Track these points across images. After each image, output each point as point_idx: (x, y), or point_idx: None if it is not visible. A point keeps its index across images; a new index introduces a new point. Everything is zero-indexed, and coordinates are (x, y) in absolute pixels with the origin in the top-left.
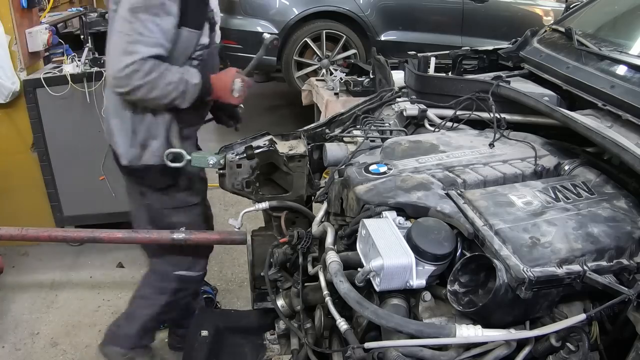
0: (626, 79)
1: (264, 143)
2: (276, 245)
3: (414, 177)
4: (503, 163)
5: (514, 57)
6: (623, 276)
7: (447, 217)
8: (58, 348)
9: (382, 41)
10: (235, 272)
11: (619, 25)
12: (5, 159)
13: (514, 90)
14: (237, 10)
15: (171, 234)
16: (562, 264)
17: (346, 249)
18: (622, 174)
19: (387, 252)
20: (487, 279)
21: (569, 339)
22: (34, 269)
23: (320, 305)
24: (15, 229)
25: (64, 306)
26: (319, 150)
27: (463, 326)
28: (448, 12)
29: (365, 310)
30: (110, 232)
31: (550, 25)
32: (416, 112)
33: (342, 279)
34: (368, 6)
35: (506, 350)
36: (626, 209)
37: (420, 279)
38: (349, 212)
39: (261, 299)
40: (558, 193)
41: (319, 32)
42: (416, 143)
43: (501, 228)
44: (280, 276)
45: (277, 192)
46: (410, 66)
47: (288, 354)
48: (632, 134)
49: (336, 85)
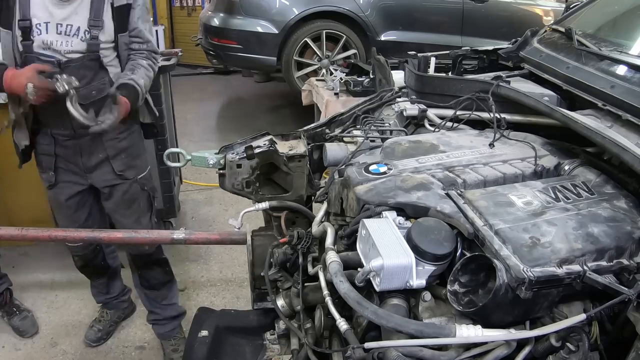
0: (626, 79)
1: (264, 143)
2: (276, 245)
3: (414, 177)
4: (503, 163)
5: (514, 57)
6: (623, 276)
7: (447, 217)
8: (58, 348)
9: (382, 41)
10: (235, 272)
11: (619, 25)
12: (5, 159)
13: (514, 90)
14: (237, 10)
15: (171, 234)
16: (562, 264)
17: (346, 249)
18: (622, 174)
19: (387, 252)
20: (487, 279)
21: (569, 339)
22: (34, 269)
23: (320, 305)
24: (15, 229)
25: (64, 306)
26: (319, 150)
27: (463, 326)
28: (448, 12)
29: (365, 310)
30: (110, 232)
31: (550, 25)
32: (416, 112)
33: (342, 279)
34: (368, 6)
35: (506, 350)
36: (626, 209)
37: (420, 279)
38: (349, 212)
39: (261, 299)
40: (558, 193)
41: (319, 32)
42: (416, 143)
43: (501, 228)
44: (280, 276)
45: (277, 192)
46: (410, 66)
47: (288, 354)
48: (632, 134)
49: (336, 85)
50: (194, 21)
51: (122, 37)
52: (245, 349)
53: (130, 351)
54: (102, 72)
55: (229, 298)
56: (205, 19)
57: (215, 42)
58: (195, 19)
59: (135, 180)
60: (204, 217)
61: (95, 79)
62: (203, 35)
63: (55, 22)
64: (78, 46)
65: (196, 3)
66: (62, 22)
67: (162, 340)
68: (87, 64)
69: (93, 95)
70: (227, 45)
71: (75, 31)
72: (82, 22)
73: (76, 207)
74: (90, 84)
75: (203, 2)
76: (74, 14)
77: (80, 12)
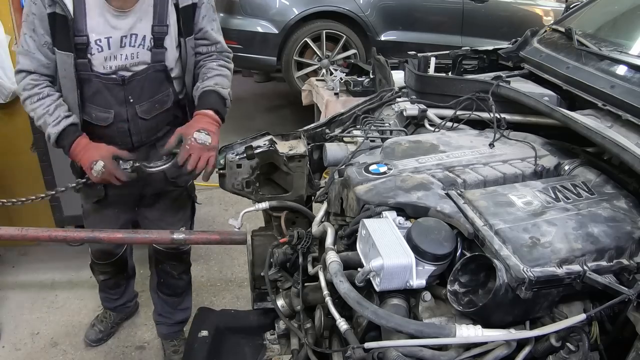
0: (626, 79)
1: (264, 143)
2: (276, 245)
3: (414, 177)
4: (503, 163)
5: (514, 57)
6: (623, 276)
7: (447, 217)
8: (58, 348)
9: (382, 41)
10: (235, 272)
11: (619, 25)
12: (5, 159)
13: (514, 90)
14: (237, 10)
15: (171, 234)
16: (562, 264)
17: (346, 249)
18: (622, 174)
19: (387, 252)
20: (487, 279)
21: (569, 339)
22: (34, 269)
23: (320, 305)
24: (15, 229)
25: (64, 306)
26: (319, 150)
27: (463, 326)
28: (448, 12)
29: (365, 310)
30: (110, 232)
31: (550, 25)
32: (416, 112)
33: (342, 279)
34: (368, 6)
35: (506, 350)
36: (626, 209)
37: (420, 279)
38: (349, 212)
39: (261, 299)
40: (558, 193)
41: (319, 32)
42: (416, 143)
43: (501, 228)
44: (280, 276)
45: (277, 192)
46: (410, 66)
47: (288, 354)
48: (632, 134)
49: (336, 85)
50: None
51: (189, 40)
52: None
53: (130, 351)
54: (167, 82)
55: (229, 298)
56: None
57: None
58: None
59: (185, 187)
60: (204, 217)
61: (159, 92)
62: None
63: (119, 35)
64: (144, 57)
65: None
66: (127, 34)
67: (164, 340)
68: (152, 76)
69: (156, 108)
70: (227, 45)
71: (141, 41)
72: (146, 30)
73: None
74: (154, 97)
75: None
76: (137, 22)
77: (145, 18)
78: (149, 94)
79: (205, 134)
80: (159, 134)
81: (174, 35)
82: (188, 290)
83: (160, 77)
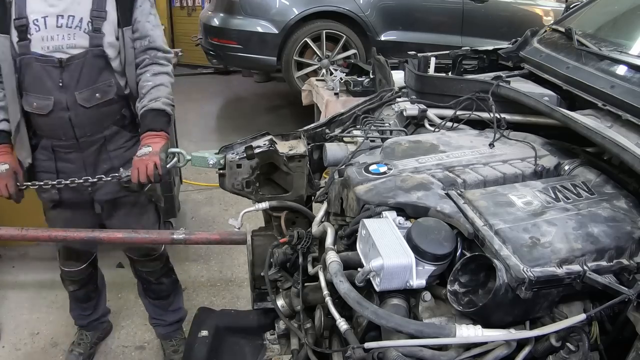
0: (626, 79)
1: (264, 143)
2: (276, 245)
3: (414, 177)
4: (503, 163)
5: (514, 57)
6: (623, 276)
7: (447, 217)
8: (58, 348)
9: (382, 41)
10: (235, 272)
11: (619, 25)
12: None
13: (514, 90)
14: (237, 10)
15: (171, 234)
16: (562, 264)
17: (346, 249)
18: (622, 174)
19: (387, 252)
20: (487, 279)
21: (569, 339)
22: (34, 269)
23: (320, 305)
24: (15, 229)
25: (64, 306)
26: (319, 150)
27: (463, 326)
28: (448, 12)
29: (365, 310)
30: (110, 232)
31: (550, 25)
32: (416, 112)
33: (342, 279)
34: (368, 6)
35: (506, 350)
36: (626, 209)
37: (420, 279)
38: (349, 212)
39: (261, 299)
40: (558, 193)
41: (319, 32)
42: (416, 143)
43: (501, 228)
44: (280, 276)
45: (277, 192)
46: (410, 66)
47: (288, 354)
48: (632, 134)
49: (336, 85)
50: (194, 21)
51: (127, 31)
52: (245, 349)
53: (130, 351)
54: (108, 72)
55: (229, 298)
56: (205, 19)
57: (215, 42)
58: (195, 19)
59: (142, 192)
60: (204, 217)
61: (99, 79)
62: (203, 35)
63: (55, 14)
64: (80, 40)
65: (196, 3)
66: (63, 14)
67: (163, 340)
68: (90, 61)
69: (97, 97)
70: (227, 45)
71: (78, 23)
72: (84, 13)
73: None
74: (94, 85)
75: (203, 2)
76: (75, 4)
77: (82, 1)
78: (88, 79)
79: (146, 147)
80: (105, 132)
81: (113, 23)
82: (175, 291)
83: (100, 64)
